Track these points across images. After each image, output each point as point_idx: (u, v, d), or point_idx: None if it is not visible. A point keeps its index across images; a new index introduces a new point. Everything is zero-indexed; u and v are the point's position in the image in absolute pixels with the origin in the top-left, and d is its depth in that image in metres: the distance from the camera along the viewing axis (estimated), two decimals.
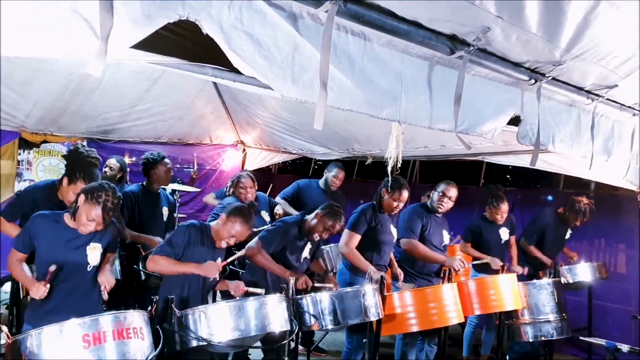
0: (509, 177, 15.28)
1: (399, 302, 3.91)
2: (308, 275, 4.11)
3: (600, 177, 4.22)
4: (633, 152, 3.54)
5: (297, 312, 3.50)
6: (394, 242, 4.57)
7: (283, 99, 2.15)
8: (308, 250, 4.08)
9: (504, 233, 5.18)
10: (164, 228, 4.78)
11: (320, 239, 4.09)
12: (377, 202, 4.46)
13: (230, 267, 4.32)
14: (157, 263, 3.24)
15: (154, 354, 2.67)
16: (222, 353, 3.74)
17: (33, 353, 2.40)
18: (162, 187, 4.83)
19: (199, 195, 7.79)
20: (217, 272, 3.31)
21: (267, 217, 5.03)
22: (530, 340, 4.67)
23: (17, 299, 3.74)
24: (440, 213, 4.65)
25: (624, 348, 3.27)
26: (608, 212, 5.86)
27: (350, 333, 4.34)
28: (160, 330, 2.84)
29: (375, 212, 4.40)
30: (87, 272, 3.01)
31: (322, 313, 3.54)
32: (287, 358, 3.38)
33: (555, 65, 2.61)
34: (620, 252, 6.00)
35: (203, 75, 2.41)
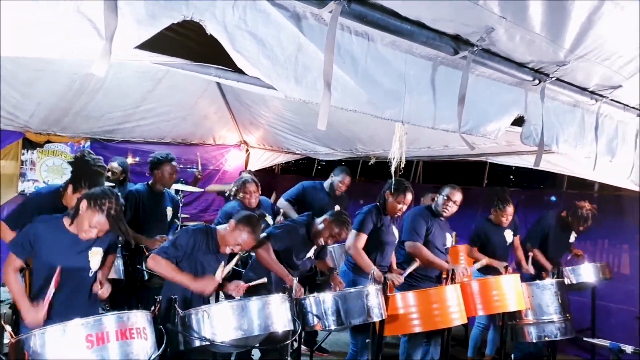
0: (512, 177, 15.24)
1: (402, 302, 3.91)
2: (312, 274, 4.09)
3: (604, 177, 4.20)
4: (637, 152, 3.52)
5: (300, 312, 3.51)
6: (396, 243, 4.56)
7: (286, 99, 2.15)
8: (312, 251, 4.08)
9: (509, 235, 5.17)
10: (168, 228, 4.78)
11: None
12: (380, 203, 4.46)
13: (234, 267, 4.32)
14: (157, 263, 3.23)
15: (157, 354, 2.67)
16: (225, 353, 3.74)
17: (36, 352, 2.40)
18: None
19: (202, 196, 7.82)
20: (213, 289, 3.29)
21: (270, 220, 5.05)
22: (534, 341, 4.66)
23: None
24: (445, 217, 4.64)
25: (628, 349, 3.27)
26: (612, 212, 5.84)
27: (355, 334, 4.33)
28: (164, 330, 2.84)
29: (380, 213, 4.40)
30: (88, 277, 2.98)
31: (325, 313, 3.55)
32: (290, 358, 3.39)
33: (559, 66, 2.60)
34: (624, 252, 5.97)
35: (207, 76, 2.41)
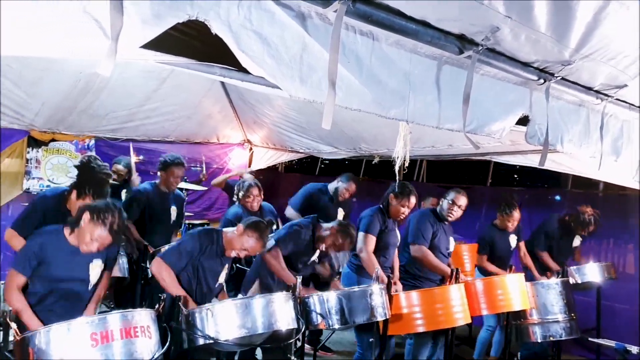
0: (517, 176, 15.20)
1: (406, 302, 3.90)
2: (313, 277, 4.11)
3: (609, 177, 4.19)
4: None
5: (304, 310, 3.50)
6: (399, 245, 4.55)
7: (290, 99, 2.15)
8: (316, 255, 4.09)
9: (513, 240, 5.15)
10: (172, 228, 4.81)
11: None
12: (384, 206, 4.45)
13: (237, 265, 4.33)
14: (160, 270, 3.22)
15: (161, 352, 2.68)
16: (229, 351, 3.75)
17: (41, 350, 2.42)
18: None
19: (206, 194, 7.82)
20: None
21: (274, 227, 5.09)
22: (539, 341, 4.64)
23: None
24: (450, 221, 4.62)
25: (634, 350, 3.26)
26: (617, 212, 5.83)
27: (359, 333, 4.33)
28: (168, 329, 2.85)
29: (384, 215, 4.40)
30: (87, 290, 2.98)
31: (329, 312, 3.54)
32: (293, 357, 3.39)
33: (564, 65, 2.59)
34: (629, 252, 5.96)
35: (211, 75, 2.41)
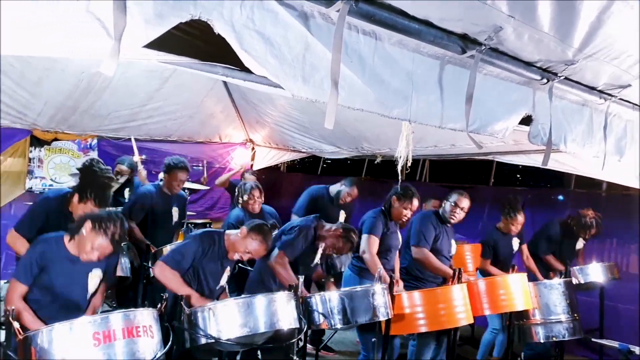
0: (519, 176, 15.16)
1: (408, 302, 3.89)
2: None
3: (613, 177, 4.18)
4: None
5: (306, 310, 3.50)
6: (400, 247, 4.55)
7: (293, 98, 2.14)
8: (319, 257, 4.09)
9: (515, 243, 5.14)
10: (174, 229, 4.82)
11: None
12: (386, 208, 4.44)
13: (240, 265, 4.33)
14: (163, 273, 3.23)
15: (163, 352, 2.68)
16: (231, 351, 3.75)
17: (44, 349, 2.42)
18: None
19: (209, 193, 7.84)
20: None
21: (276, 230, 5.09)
22: (542, 341, 4.62)
23: None
24: (452, 223, 4.60)
25: (637, 350, 3.26)
26: (620, 212, 5.81)
27: (362, 333, 4.32)
28: (170, 328, 2.85)
29: (386, 217, 4.40)
30: (84, 299, 2.98)
31: (331, 312, 3.54)
32: (295, 357, 3.39)
33: (568, 65, 2.58)
34: (633, 252, 5.93)
35: (214, 75, 2.41)
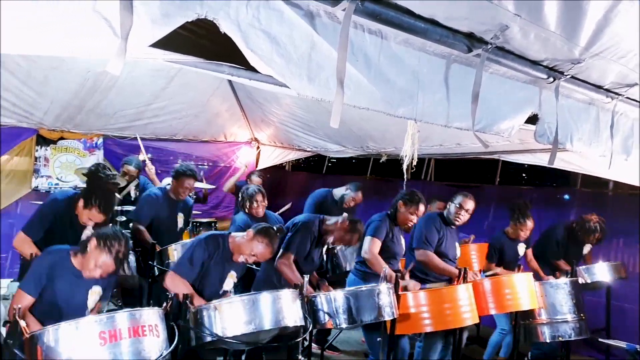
0: (525, 175, 15.12)
1: (414, 301, 3.88)
2: (323, 271, 4.11)
3: (619, 176, 4.15)
4: None
5: (311, 309, 3.50)
6: (405, 251, 4.54)
7: (299, 97, 2.14)
8: (322, 252, 4.08)
9: (521, 248, 5.11)
10: (178, 235, 4.84)
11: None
12: (391, 213, 4.43)
13: (247, 265, 4.34)
14: (174, 283, 3.23)
15: (169, 351, 2.68)
16: (236, 350, 3.76)
17: (50, 348, 2.43)
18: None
19: (214, 192, 7.85)
20: None
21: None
22: (548, 341, 4.60)
23: None
24: (457, 225, 4.58)
25: None
26: (627, 211, 5.78)
27: (368, 334, 4.31)
28: (175, 327, 2.85)
29: (391, 222, 4.38)
30: (84, 315, 2.92)
31: (336, 311, 3.54)
32: (301, 356, 3.39)
33: (574, 64, 2.57)
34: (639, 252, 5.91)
35: (220, 74, 2.42)
